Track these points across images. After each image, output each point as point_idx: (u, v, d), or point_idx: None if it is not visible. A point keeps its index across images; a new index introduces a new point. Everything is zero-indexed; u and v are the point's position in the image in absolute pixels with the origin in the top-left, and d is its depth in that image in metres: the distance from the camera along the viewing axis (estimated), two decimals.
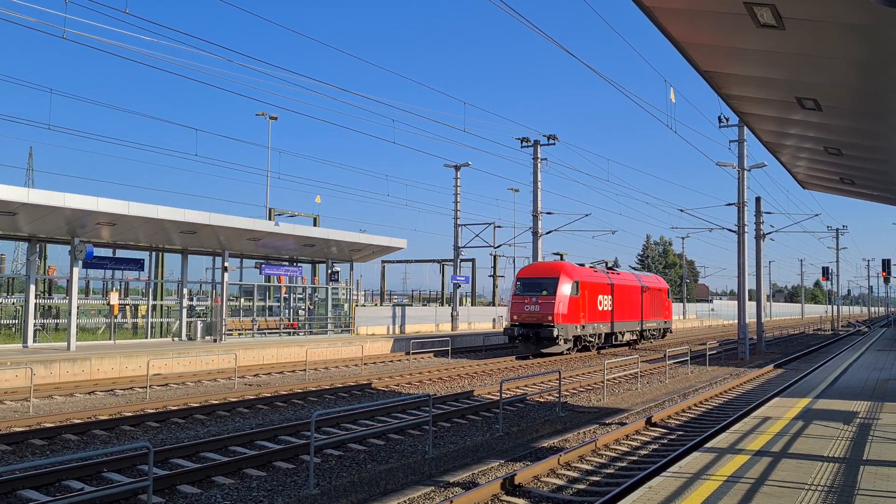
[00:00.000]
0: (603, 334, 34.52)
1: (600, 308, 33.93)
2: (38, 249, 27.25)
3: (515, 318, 31.33)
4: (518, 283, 32.45)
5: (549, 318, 30.30)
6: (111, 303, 27.63)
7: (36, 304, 25.77)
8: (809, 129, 12.02)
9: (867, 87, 9.10)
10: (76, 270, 24.63)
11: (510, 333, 31.40)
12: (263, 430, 13.27)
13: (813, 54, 7.98)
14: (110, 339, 27.34)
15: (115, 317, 27.82)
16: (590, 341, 33.44)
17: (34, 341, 25.07)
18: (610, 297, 34.88)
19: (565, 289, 30.99)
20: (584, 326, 32.23)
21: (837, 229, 70.62)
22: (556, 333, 30.04)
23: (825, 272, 64.95)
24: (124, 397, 18.36)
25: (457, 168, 44.32)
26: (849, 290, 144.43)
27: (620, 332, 36.44)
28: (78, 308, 25.03)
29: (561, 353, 31.36)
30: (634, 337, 38.74)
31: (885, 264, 50.84)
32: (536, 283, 31.47)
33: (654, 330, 40.89)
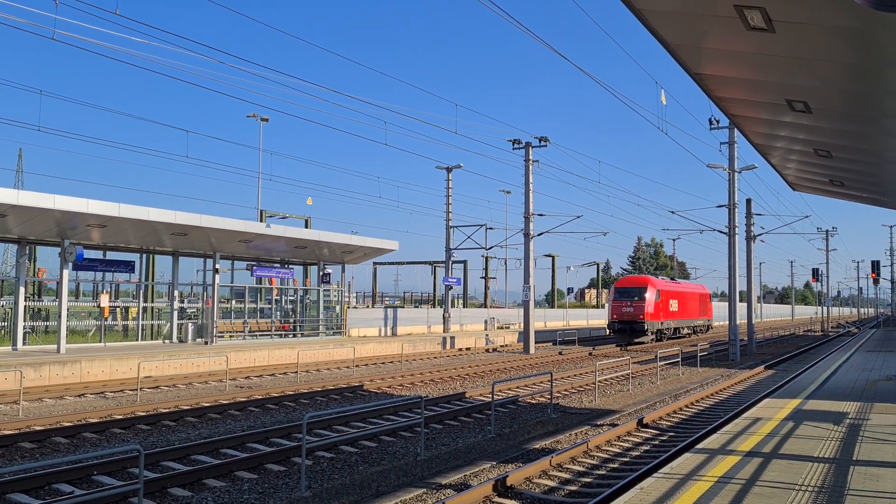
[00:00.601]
0: (673, 328, 44.90)
1: (671, 309, 44.34)
2: (27, 251, 27.10)
3: (615, 316, 41.73)
4: (615, 290, 42.88)
5: (641, 316, 40.54)
6: (101, 305, 27.50)
7: (25, 306, 25.63)
8: (799, 131, 12.07)
9: (857, 90, 9.15)
10: (66, 272, 24.51)
11: (612, 328, 42.29)
12: (255, 432, 13.24)
13: (803, 57, 8.02)
14: (100, 341, 27.21)
15: (106, 319, 27.68)
16: (665, 333, 43.81)
17: (24, 344, 24.93)
18: (677, 301, 44.84)
19: (650, 295, 41.20)
20: (662, 323, 42.83)
21: (827, 231, 71.00)
22: (646, 328, 40.64)
23: (815, 273, 65.24)
24: (115, 400, 18.28)
25: (448, 170, 44.31)
26: (839, 292, 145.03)
27: (682, 327, 47.28)
28: (68, 310, 24.90)
29: (647, 342, 41.36)
30: (690, 330, 49.38)
31: (875, 266, 51.15)
32: (630, 291, 41.70)
33: (702, 326, 52.63)
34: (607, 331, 44.24)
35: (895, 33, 6.52)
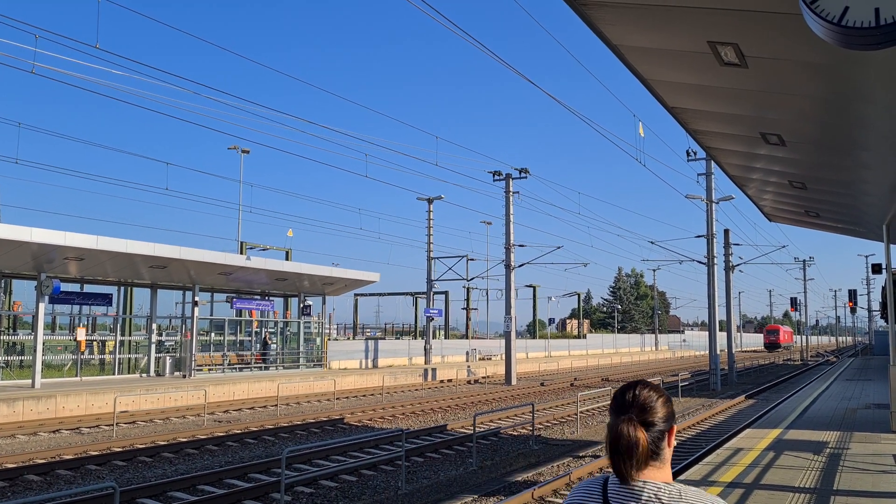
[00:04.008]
0: (785, 346, 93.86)
1: (784, 338, 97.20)
2: (2, 284, 26.74)
3: (767, 341, 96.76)
4: (766, 330, 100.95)
5: (778, 341, 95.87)
6: (78, 339, 27.12)
7: (0, 340, 25.21)
8: (774, 163, 12.25)
9: (829, 123, 9.32)
10: (42, 306, 24.19)
11: (766, 346, 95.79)
12: (233, 467, 13.04)
13: (775, 91, 8.17)
14: (77, 375, 26.79)
15: (82, 353, 27.28)
16: (784, 348, 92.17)
17: None
18: (787, 334, 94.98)
19: (780, 332, 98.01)
20: (783, 344, 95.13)
21: (804, 261, 71.85)
22: (780, 346, 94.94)
23: (793, 303, 65.81)
24: (90, 435, 17.96)
25: (429, 201, 44.44)
26: (817, 321, 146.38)
27: (788, 346, 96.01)
28: (44, 344, 24.53)
29: (780, 350, 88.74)
30: (788, 346, 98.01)
31: (852, 295, 51.71)
32: (772, 330, 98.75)
33: (792, 344, 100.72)
34: (764, 348, 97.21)
35: (863, 68, 6.67)
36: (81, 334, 27.26)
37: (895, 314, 15.16)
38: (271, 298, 35.95)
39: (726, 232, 40.09)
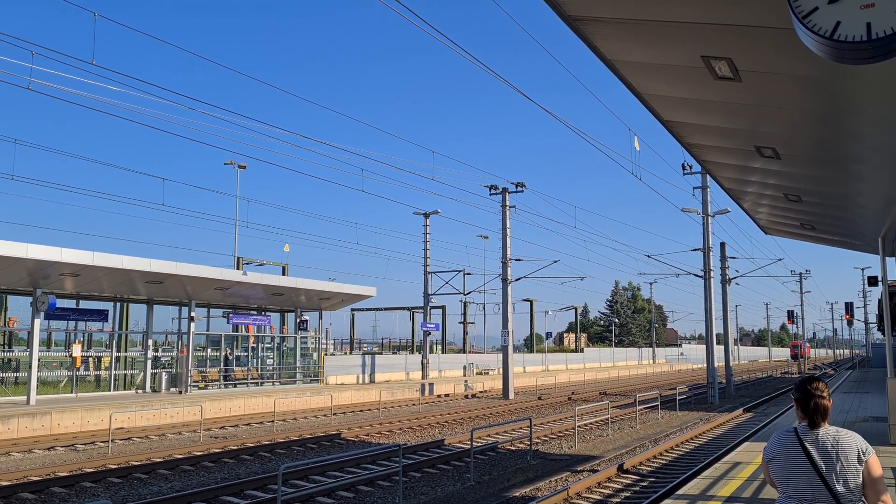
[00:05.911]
0: (808, 356, 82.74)
1: (804, 351, 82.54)
2: None
3: (792, 353, 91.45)
4: (791, 346, 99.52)
5: (801, 353, 75.86)
6: (73, 355, 27.00)
7: None
8: (769, 176, 12.29)
9: (823, 136, 9.36)
10: (38, 322, 24.10)
11: (791, 357, 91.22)
12: (229, 484, 12.96)
13: (769, 105, 8.20)
14: (72, 392, 26.66)
15: (78, 369, 27.16)
16: (806, 357, 79.55)
17: None
18: (805, 347, 78.84)
19: (800, 347, 77.98)
20: (805, 355, 77.68)
21: (801, 273, 71.90)
22: (803, 356, 75.59)
23: (790, 315, 65.88)
24: (85, 453, 17.85)
25: (426, 216, 44.47)
26: (814, 333, 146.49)
27: (808, 357, 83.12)
28: (39, 360, 24.42)
29: (802, 361, 77.60)
30: (808, 356, 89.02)
31: (848, 307, 51.79)
32: (796, 346, 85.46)
33: (808, 355, 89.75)
34: (789, 358, 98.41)
35: (856, 82, 6.71)
36: (77, 350, 27.15)
37: (892, 326, 15.17)
38: (268, 314, 35.88)
39: (722, 245, 40.18)
